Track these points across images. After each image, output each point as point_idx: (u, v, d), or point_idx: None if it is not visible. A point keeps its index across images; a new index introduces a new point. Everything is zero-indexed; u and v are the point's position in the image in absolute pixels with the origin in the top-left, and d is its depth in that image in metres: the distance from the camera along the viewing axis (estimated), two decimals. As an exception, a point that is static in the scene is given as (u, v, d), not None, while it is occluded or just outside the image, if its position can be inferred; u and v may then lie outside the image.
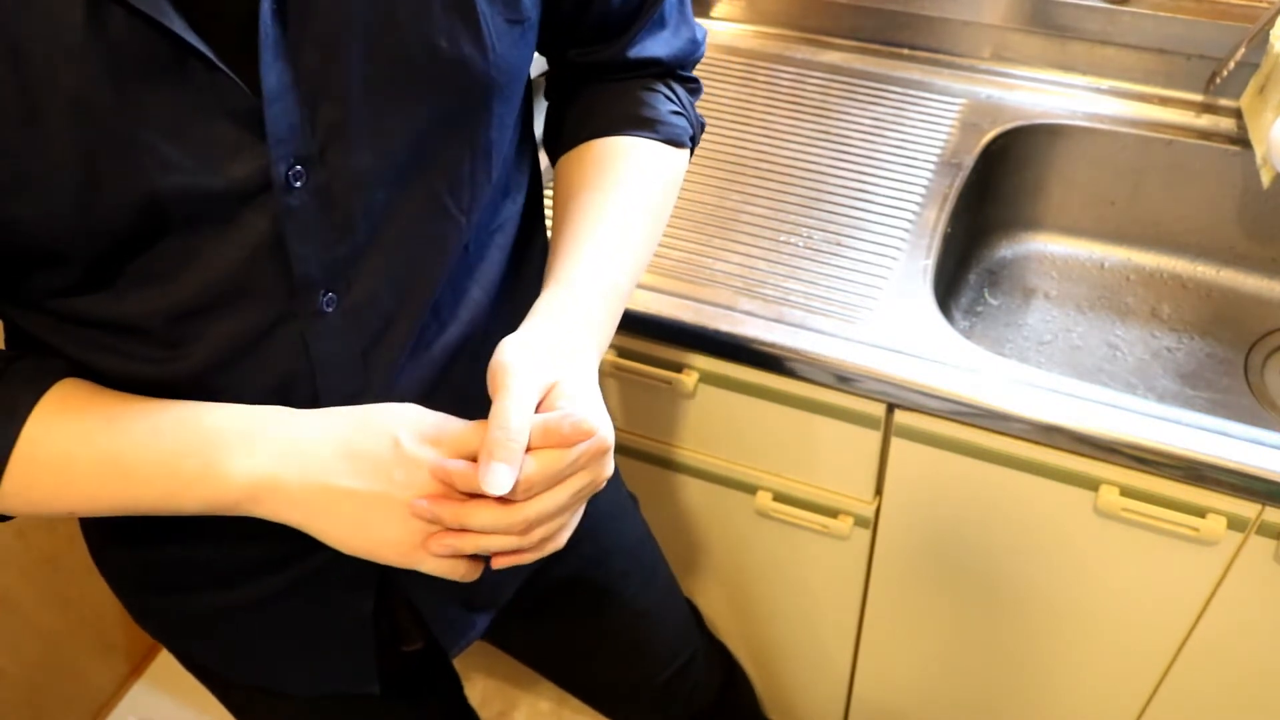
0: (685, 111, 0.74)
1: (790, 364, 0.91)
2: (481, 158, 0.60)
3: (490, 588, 0.78)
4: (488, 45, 0.56)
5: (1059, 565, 0.97)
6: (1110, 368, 1.09)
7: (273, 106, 0.50)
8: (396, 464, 0.54)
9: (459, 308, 0.65)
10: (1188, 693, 1.03)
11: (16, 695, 1.41)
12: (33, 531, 1.35)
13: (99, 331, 0.56)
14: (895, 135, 1.11)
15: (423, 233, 0.59)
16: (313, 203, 0.54)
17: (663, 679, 1.04)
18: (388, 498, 0.55)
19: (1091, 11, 1.10)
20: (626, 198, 0.67)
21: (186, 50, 0.48)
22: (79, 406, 0.56)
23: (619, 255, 0.65)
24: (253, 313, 0.56)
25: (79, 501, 0.56)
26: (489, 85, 0.57)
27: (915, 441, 0.93)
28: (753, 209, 1.03)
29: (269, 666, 0.76)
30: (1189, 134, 1.09)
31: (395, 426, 0.55)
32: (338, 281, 0.57)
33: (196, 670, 0.81)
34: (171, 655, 0.80)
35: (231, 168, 0.51)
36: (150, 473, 0.55)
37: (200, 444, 0.54)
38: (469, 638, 0.79)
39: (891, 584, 1.10)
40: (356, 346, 0.59)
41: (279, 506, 0.55)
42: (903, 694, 1.26)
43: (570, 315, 0.60)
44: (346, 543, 0.56)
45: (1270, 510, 0.83)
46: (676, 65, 0.73)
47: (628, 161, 0.69)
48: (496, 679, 1.59)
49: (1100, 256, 1.19)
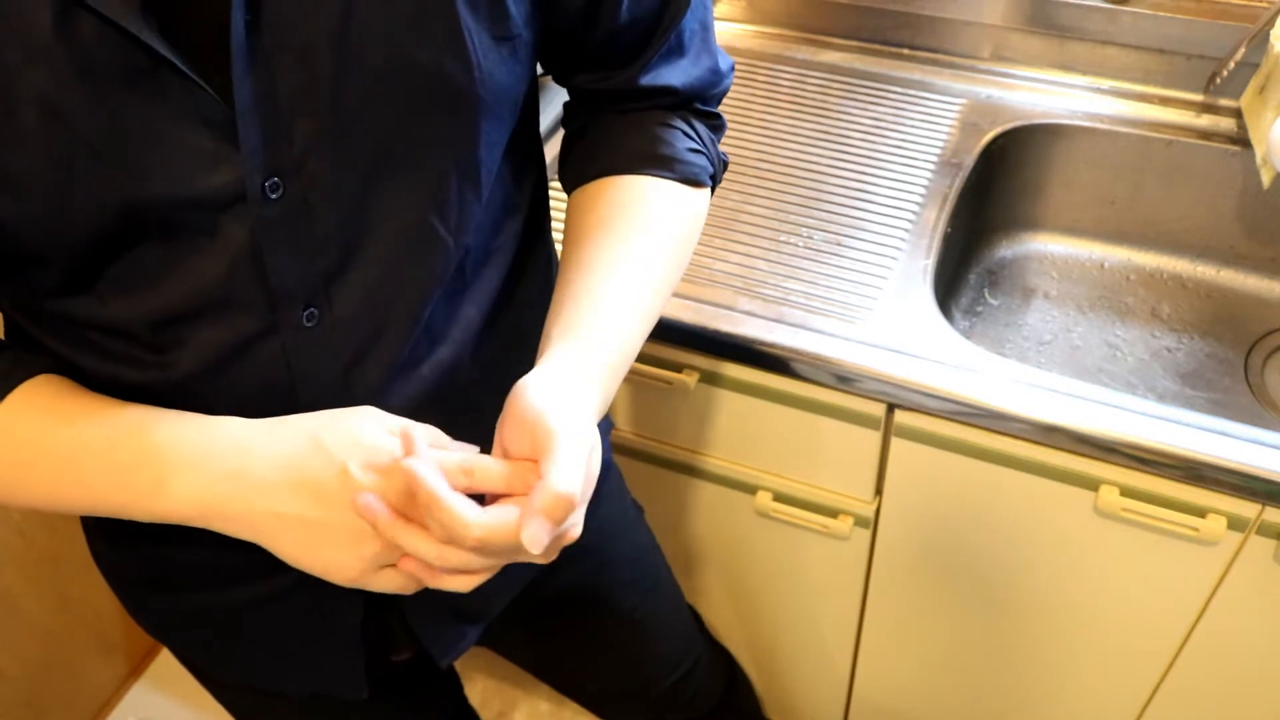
0: (705, 149, 0.69)
1: (790, 364, 0.91)
2: (469, 177, 0.59)
3: (479, 601, 0.77)
4: (473, 62, 0.54)
5: (1059, 565, 0.97)
6: (1110, 368, 1.09)
7: (245, 118, 0.50)
8: (344, 494, 0.54)
9: (451, 327, 0.64)
10: (1188, 692, 1.03)
11: (16, 695, 1.41)
12: (33, 531, 1.35)
13: (89, 331, 0.56)
14: (895, 135, 1.11)
15: (408, 252, 0.58)
16: (290, 215, 0.53)
17: (665, 687, 1.04)
18: (333, 526, 0.54)
19: (1091, 11, 1.10)
20: (640, 245, 0.64)
21: (159, 59, 0.47)
22: (45, 405, 0.56)
23: (631, 313, 0.62)
24: (235, 323, 0.56)
25: (40, 498, 0.57)
26: (474, 103, 0.56)
27: (915, 441, 0.93)
28: (753, 209, 1.03)
29: (264, 667, 0.76)
30: (1189, 134, 1.09)
31: (346, 452, 0.54)
32: (318, 296, 0.56)
33: (193, 668, 0.81)
34: (171, 655, 0.81)
35: (208, 177, 0.51)
36: (104, 481, 0.55)
37: (150, 460, 0.55)
38: (459, 649, 0.79)
39: (891, 584, 1.10)
40: (339, 363, 0.59)
41: (227, 526, 0.56)
42: (903, 694, 1.26)
43: (586, 374, 0.58)
44: (298, 562, 0.56)
45: (1270, 510, 0.83)
46: (695, 97, 0.68)
47: (644, 205, 0.65)
48: (496, 679, 1.59)
49: (1100, 256, 1.19)
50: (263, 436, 0.55)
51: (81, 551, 0.77)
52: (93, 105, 0.47)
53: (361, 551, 0.55)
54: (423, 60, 0.53)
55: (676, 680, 1.05)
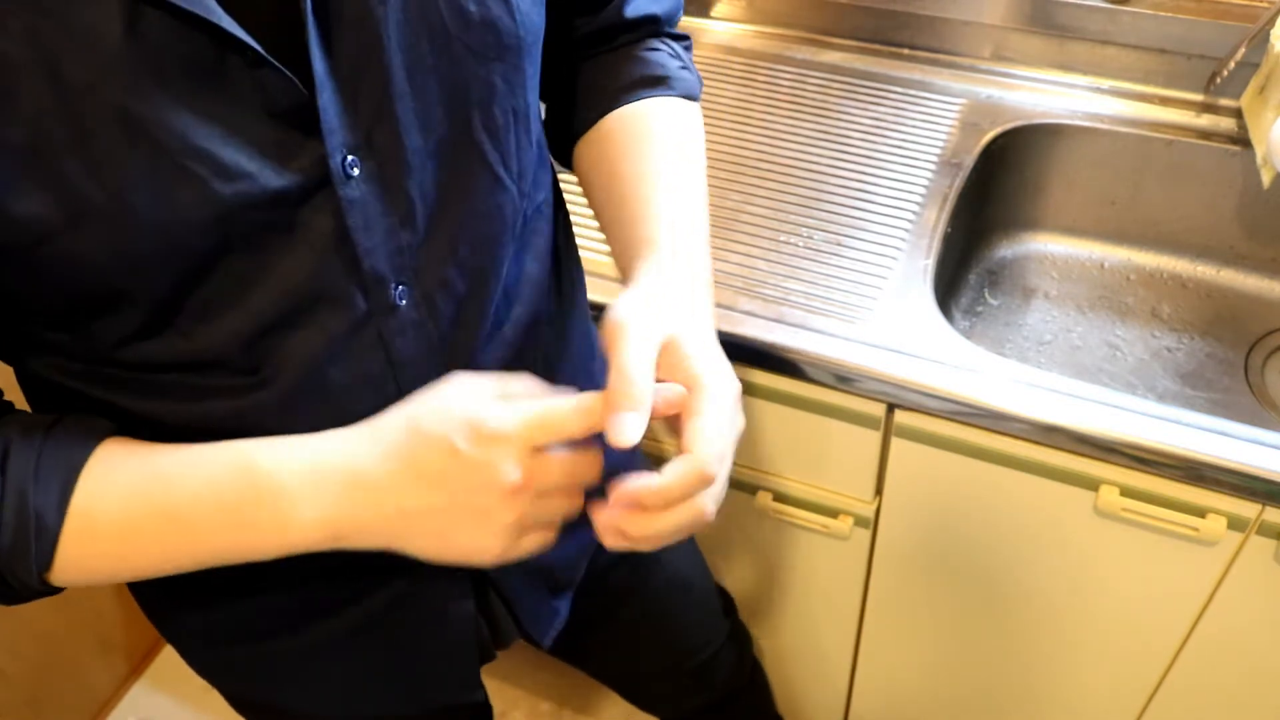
0: (688, 65, 0.74)
1: (790, 364, 0.91)
2: (522, 121, 0.60)
3: (565, 566, 0.77)
4: (513, 4, 0.56)
5: (1059, 565, 0.97)
6: (1110, 368, 1.09)
7: (322, 95, 0.49)
8: (461, 472, 0.52)
9: (521, 284, 0.64)
10: (1188, 692, 1.03)
11: (16, 695, 1.41)
12: (33, 531, 1.35)
13: (167, 373, 0.54)
14: (895, 135, 1.11)
15: (482, 207, 0.58)
16: (370, 192, 0.53)
17: (695, 664, 1.04)
18: (460, 508, 0.53)
19: (1091, 11, 1.10)
20: (672, 155, 0.66)
21: (227, 49, 0.46)
22: (128, 466, 0.53)
23: (692, 211, 0.64)
24: (328, 320, 0.54)
25: (143, 564, 0.55)
26: (519, 44, 0.57)
27: (915, 441, 0.93)
28: (753, 209, 1.03)
29: (362, 695, 0.75)
30: (1189, 134, 1.09)
31: (448, 430, 0.52)
32: (406, 272, 0.56)
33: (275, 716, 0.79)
34: (171, 655, 0.80)
35: (291, 165, 0.50)
36: (220, 526, 0.53)
37: (268, 493, 0.52)
38: (556, 625, 0.78)
39: (891, 584, 1.10)
40: (435, 336, 0.58)
41: (361, 538, 0.54)
42: (903, 693, 1.26)
43: (677, 273, 0.59)
44: (440, 555, 0.55)
45: (1270, 510, 0.83)
46: (668, 21, 0.74)
47: (659, 121, 0.68)
48: (497, 679, 1.59)
49: (1100, 256, 1.19)
50: (366, 440, 0.54)
51: (81, 551, 0.76)
52: (168, 110, 0.46)
53: (495, 526, 0.53)
54: (473, 10, 0.54)
55: (706, 658, 1.04)
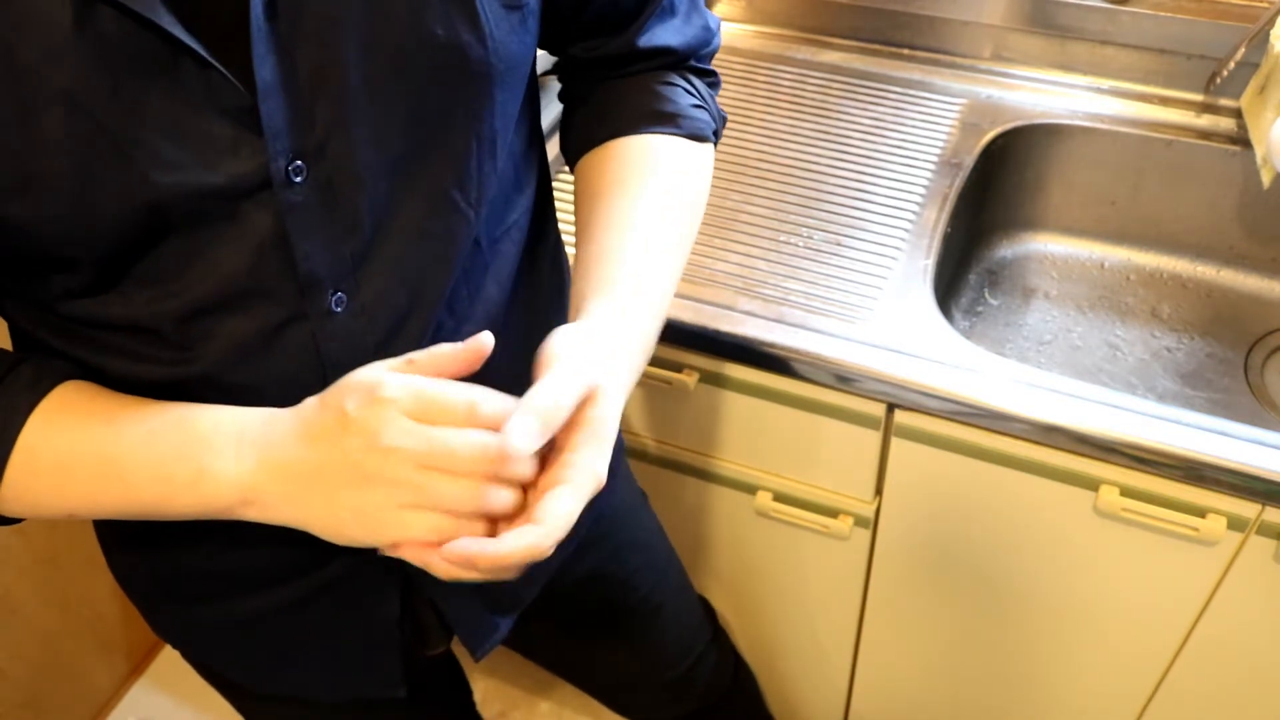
0: (706, 104, 0.71)
1: (790, 364, 0.91)
2: (487, 149, 0.60)
3: (513, 591, 0.78)
4: (485, 31, 0.55)
5: (1059, 565, 0.97)
6: (1110, 368, 1.09)
7: (266, 102, 0.50)
8: (345, 432, 0.51)
9: (475, 304, 0.64)
10: (1188, 693, 1.03)
11: (16, 695, 1.41)
12: (33, 531, 1.35)
13: (110, 333, 0.56)
14: (895, 135, 1.11)
15: (432, 228, 0.58)
16: (315, 198, 0.53)
17: (677, 673, 1.04)
18: (346, 465, 0.51)
19: (1091, 11, 1.10)
20: (658, 200, 0.65)
21: (179, 48, 0.48)
22: (79, 409, 0.55)
23: (657, 270, 0.63)
24: (262, 312, 0.55)
25: (78, 503, 0.56)
26: (489, 73, 0.57)
27: (915, 441, 0.93)
28: (753, 209, 1.03)
29: (296, 674, 0.76)
30: (1189, 134, 1.09)
31: (344, 395, 0.52)
32: (346, 280, 0.56)
33: (216, 681, 0.81)
34: (172, 655, 0.80)
35: (231, 164, 0.51)
36: (146, 475, 0.54)
37: (192, 448, 0.54)
38: (493, 640, 0.78)
39: (891, 584, 1.10)
40: (368, 347, 0.59)
41: (266, 510, 0.54)
42: (902, 694, 1.26)
43: (623, 332, 0.59)
44: (332, 527, 0.53)
45: (1270, 510, 0.83)
46: (690, 55, 0.71)
47: (653, 161, 0.67)
48: (496, 679, 1.59)
49: (1100, 256, 1.19)
50: (289, 414, 0.55)
51: (81, 551, 0.77)
52: (114, 100, 0.47)
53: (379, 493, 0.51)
54: (439, 33, 0.54)
55: (688, 666, 1.05)
